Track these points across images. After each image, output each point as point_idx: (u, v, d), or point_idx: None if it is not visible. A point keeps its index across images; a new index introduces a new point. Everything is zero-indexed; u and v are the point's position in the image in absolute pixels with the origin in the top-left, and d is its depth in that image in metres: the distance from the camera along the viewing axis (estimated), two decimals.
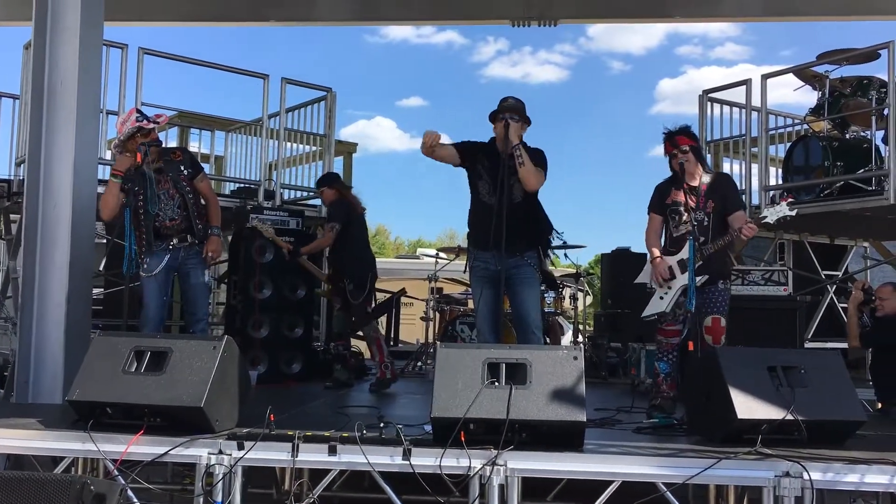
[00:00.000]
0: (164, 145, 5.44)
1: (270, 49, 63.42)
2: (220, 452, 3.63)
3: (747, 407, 3.76)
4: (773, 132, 7.95)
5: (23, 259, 5.47)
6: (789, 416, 3.71)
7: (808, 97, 7.92)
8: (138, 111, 5.21)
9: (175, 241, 5.21)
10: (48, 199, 5.21)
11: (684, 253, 4.80)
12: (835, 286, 7.98)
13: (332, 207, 6.62)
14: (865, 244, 8.83)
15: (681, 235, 4.88)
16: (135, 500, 3.64)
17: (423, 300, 9.26)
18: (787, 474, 3.41)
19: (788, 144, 7.80)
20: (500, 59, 69.13)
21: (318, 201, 8.37)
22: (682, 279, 4.80)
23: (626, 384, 7.32)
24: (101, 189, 5.53)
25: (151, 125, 5.11)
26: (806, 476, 3.38)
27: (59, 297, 5.14)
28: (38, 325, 5.15)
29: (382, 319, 10.73)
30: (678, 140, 4.91)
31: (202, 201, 5.34)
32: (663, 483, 3.50)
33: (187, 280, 5.30)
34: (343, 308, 6.58)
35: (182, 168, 5.25)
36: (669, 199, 4.94)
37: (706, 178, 4.91)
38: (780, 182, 7.72)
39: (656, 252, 4.93)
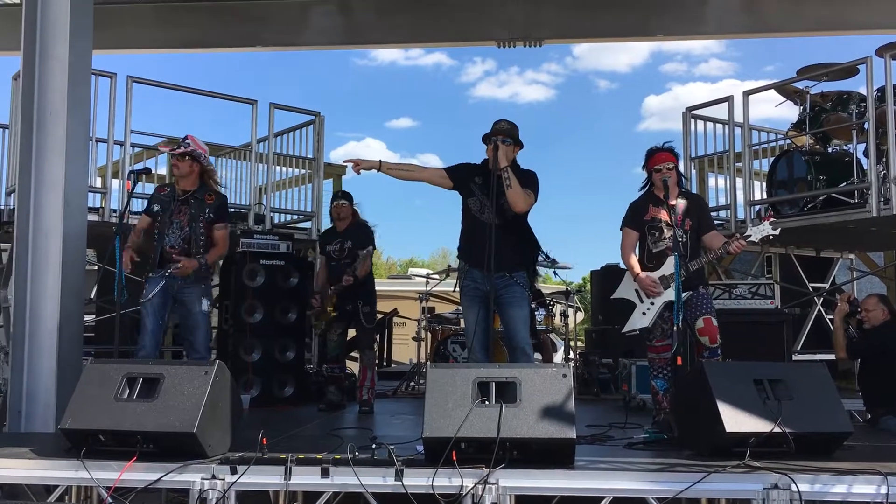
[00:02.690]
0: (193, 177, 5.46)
1: (259, 74, 63.61)
2: (213, 477, 3.63)
3: (735, 420, 3.80)
4: (757, 147, 8.04)
5: (14, 288, 5.48)
6: (777, 429, 3.75)
7: (790, 112, 8.04)
8: (182, 141, 5.40)
9: (174, 268, 5.24)
10: (38, 228, 5.25)
11: (665, 269, 4.86)
12: (822, 298, 8.05)
13: (365, 231, 6.58)
14: (851, 256, 8.91)
15: (660, 251, 4.95)
16: None
17: (414, 320, 9.29)
18: (776, 486, 3.44)
19: (772, 159, 7.89)
20: (488, 79, 69.53)
21: (308, 224, 8.42)
22: (665, 295, 4.85)
23: (618, 400, 7.35)
24: (92, 217, 5.57)
25: (170, 150, 5.39)
26: (794, 488, 3.41)
27: (50, 325, 5.17)
28: (29, 354, 5.16)
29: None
30: (663, 157, 5.00)
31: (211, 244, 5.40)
32: (654, 498, 3.52)
33: (185, 308, 5.32)
34: (342, 332, 6.55)
35: (208, 211, 5.34)
36: (648, 216, 5.01)
37: (681, 199, 5.01)
38: (765, 196, 7.81)
39: (638, 267, 4.98)
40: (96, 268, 7.94)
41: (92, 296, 8.07)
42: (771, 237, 4.80)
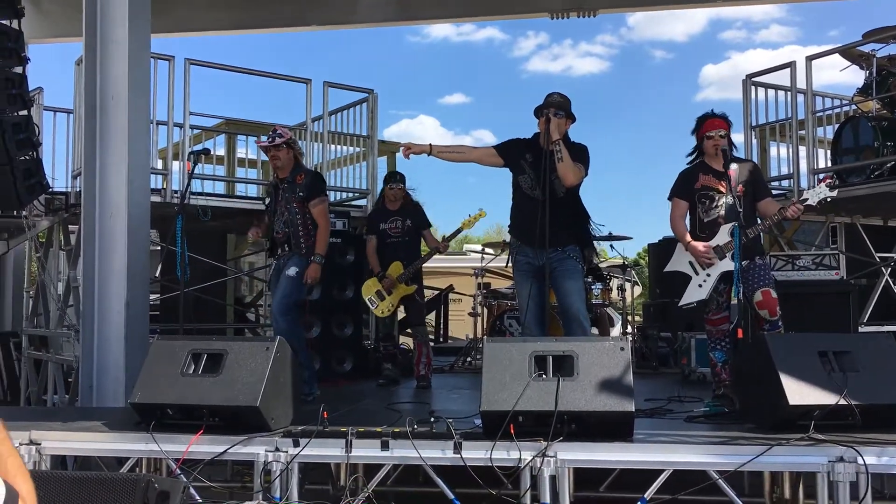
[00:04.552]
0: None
1: (312, 53, 63.98)
2: (277, 450, 3.73)
3: (799, 393, 3.72)
4: (821, 114, 7.80)
5: (82, 268, 5.66)
6: (842, 401, 3.67)
7: (856, 77, 7.77)
8: (271, 132, 5.58)
9: (279, 251, 5.58)
10: (104, 210, 5.40)
11: (719, 238, 4.75)
12: (889, 269, 7.80)
13: (421, 210, 6.68)
14: None
15: (712, 220, 4.83)
16: (197, 497, 3.76)
17: (470, 296, 9.31)
18: (842, 459, 3.37)
19: (836, 126, 7.66)
20: (541, 53, 68.59)
21: (363, 201, 8.48)
22: (720, 266, 4.75)
23: (677, 374, 7.27)
24: (154, 198, 5.70)
25: (265, 144, 5.55)
26: (860, 461, 3.34)
27: (118, 303, 5.33)
28: (99, 332, 5.34)
29: (431, 316, 10.83)
30: (717, 123, 4.88)
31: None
32: (715, 471, 3.49)
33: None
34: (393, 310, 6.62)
35: (298, 191, 5.48)
36: (699, 184, 4.89)
37: (734, 165, 4.81)
38: (829, 164, 7.59)
39: (689, 236, 4.87)
40: (159, 248, 8.14)
41: (156, 275, 8.28)
42: (828, 199, 4.63)
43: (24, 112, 5.93)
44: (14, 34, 5.63)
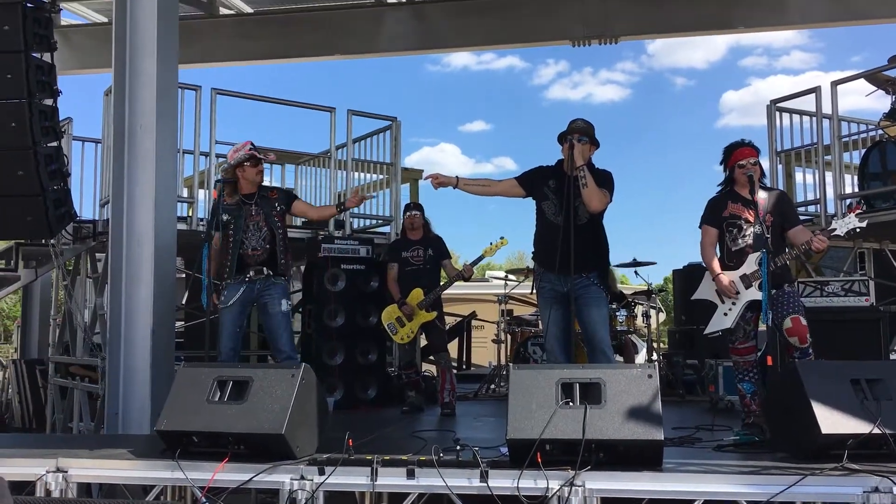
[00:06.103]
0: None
1: (333, 83, 64.72)
2: (302, 478, 3.70)
3: (832, 422, 3.66)
4: (847, 139, 7.75)
5: (109, 296, 5.71)
6: (876, 430, 3.60)
7: (882, 102, 7.71)
8: (252, 145, 5.46)
9: (252, 273, 5.34)
10: (131, 238, 5.45)
11: (746, 267, 4.71)
12: None
13: (442, 242, 6.73)
14: None
15: (740, 249, 4.78)
16: None
17: (493, 322, 9.27)
18: (877, 489, 3.30)
19: (863, 151, 7.59)
20: (561, 80, 69.16)
21: (387, 229, 8.51)
22: (747, 294, 4.70)
23: (705, 402, 7.17)
24: (180, 226, 5.73)
25: (260, 157, 5.45)
26: None
27: (144, 331, 5.36)
28: (125, 359, 5.36)
29: (454, 343, 10.80)
30: (746, 152, 4.86)
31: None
32: (747, 501, 3.42)
33: (266, 311, 5.43)
34: (413, 338, 6.61)
35: (276, 205, 5.47)
36: (727, 212, 4.85)
37: (763, 194, 4.82)
38: (856, 189, 7.51)
39: (717, 268, 4.82)
40: (184, 275, 8.20)
41: (182, 302, 8.33)
42: (857, 230, 4.58)
43: (55, 143, 6.02)
44: (47, 68, 5.74)
